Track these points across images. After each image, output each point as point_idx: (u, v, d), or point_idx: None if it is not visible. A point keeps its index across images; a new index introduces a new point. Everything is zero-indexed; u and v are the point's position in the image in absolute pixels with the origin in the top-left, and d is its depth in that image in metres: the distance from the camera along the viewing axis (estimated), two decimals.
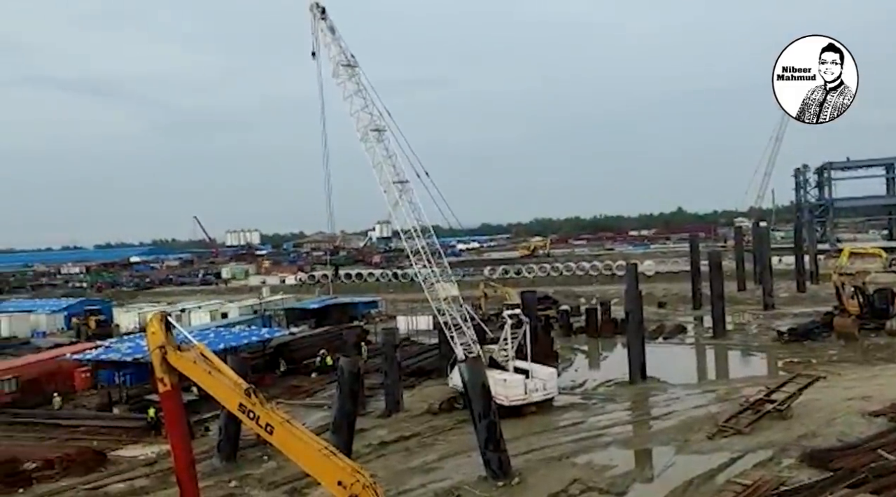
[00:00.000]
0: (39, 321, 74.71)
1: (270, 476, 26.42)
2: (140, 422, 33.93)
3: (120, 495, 25.82)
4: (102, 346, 47.73)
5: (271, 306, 71.08)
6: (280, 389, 40.98)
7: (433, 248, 30.26)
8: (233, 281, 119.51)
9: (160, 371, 16.54)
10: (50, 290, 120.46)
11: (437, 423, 33.02)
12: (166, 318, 16.89)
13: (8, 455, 29.50)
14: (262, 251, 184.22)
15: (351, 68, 29.29)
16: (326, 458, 14.60)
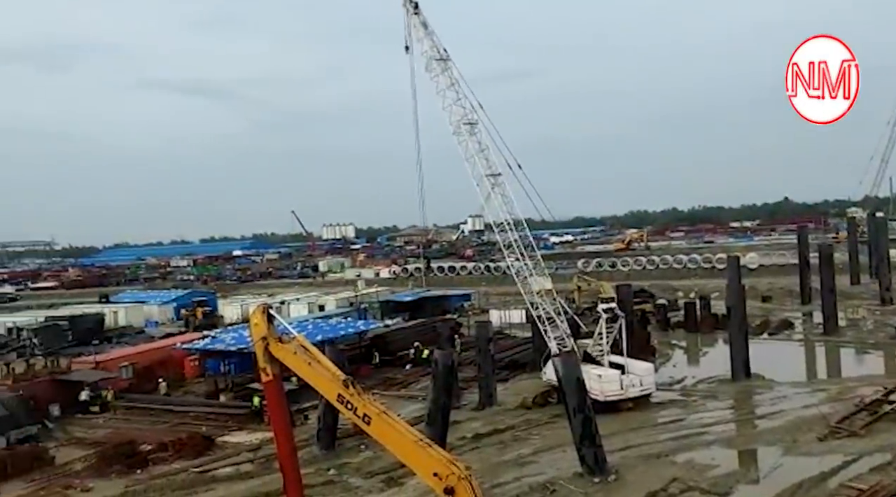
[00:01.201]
0: (152, 312, 78.90)
1: (367, 465, 26.99)
2: (245, 409, 35.38)
3: (227, 479, 26.98)
4: (209, 336, 49.97)
5: (366, 299, 72.51)
6: (375, 381, 41.77)
7: (526, 241, 29.95)
8: (329, 274, 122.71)
9: (263, 361, 17.17)
10: (160, 282, 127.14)
11: (532, 416, 32.82)
12: (268, 310, 17.49)
13: (127, 438, 31.49)
14: (357, 245, 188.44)
15: (443, 62, 29.33)
16: (422, 449, 14.73)
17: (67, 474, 28.48)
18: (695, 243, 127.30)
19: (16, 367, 44.22)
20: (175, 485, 26.39)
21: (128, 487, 26.31)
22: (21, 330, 61.32)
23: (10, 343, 59.09)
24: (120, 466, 28.34)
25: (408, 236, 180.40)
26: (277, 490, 20.48)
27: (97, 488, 26.44)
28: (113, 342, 61.91)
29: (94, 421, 37.07)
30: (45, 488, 26.94)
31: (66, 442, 33.44)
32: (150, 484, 26.56)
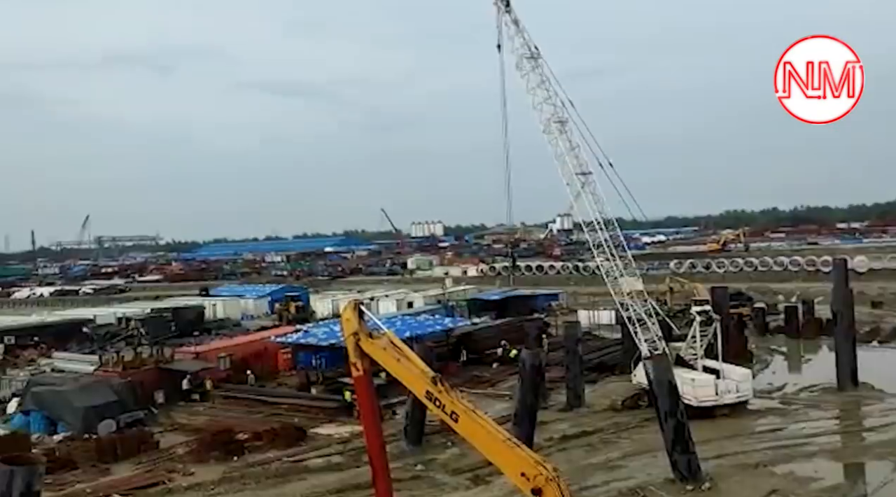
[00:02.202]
0: (248, 305, 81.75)
1: (454, 462, 27.12)
2: (335, 402, 36.22)
3: (318, 469, 27.70)
4: (301, 330, 51.46)
5: (454, 296, 72.84)
6: (462, 379, 41.89)
7: (616, 241, 29.35)
8: (417, 271, 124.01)
9: (353, 356, 17.46)
10: (256, 277, 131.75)
11: (621, 419, 32.15)
12: (359, 306, 17.79)
13: (224, 426, 32.80)
14: (445, 243, 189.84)
15: (534, 60, 29.10)
16: (510, 449, 14.63)
17: (171, 458, 29.94)
18: (797, 245, 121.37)
19: (125, 355, 46.72)
20: (269, 473, 27.31)
21: (225, 473, 27.39)
22: (129, 320, 64.80)
23: (119, 332, 62.53)
24: (218, 453, 29.53)
25: (495, 235, 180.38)
26: (367, 483, 20.85)
27: (198, 473, 27.65)
28: (212, 334, 64.67)
29: (195, 408, 38.79)
30: (151, 470, 28.42)
31: (169, 427, 35.11)
32: (245, 471, 27.58)
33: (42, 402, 35.46)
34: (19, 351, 56.52)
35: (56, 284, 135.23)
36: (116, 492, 25.89)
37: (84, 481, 27.12)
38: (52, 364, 50.42)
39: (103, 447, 30.26)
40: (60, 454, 29.56)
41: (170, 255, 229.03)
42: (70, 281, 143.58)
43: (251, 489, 25.78)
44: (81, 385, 37.10)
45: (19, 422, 35.27)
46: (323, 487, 25.43)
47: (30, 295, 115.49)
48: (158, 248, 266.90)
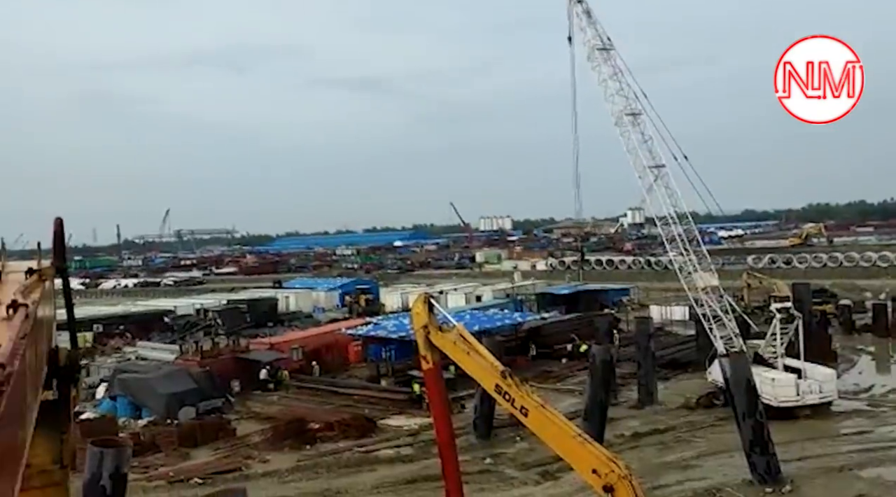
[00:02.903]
0: (319, 298, 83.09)
1: (523, 456, 27.00)
2: (404, 395, 36.55)
3: (388, 460, 28.07)
4: (371, 322, 52.12)
5: (523, 291, 72.41)
6: (531, 373, 41.58)
7: (691, 235, 28.53)
8: (486, 265, 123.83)
9: (423, 349, 17.58)
10: (327, 270, 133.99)
11: (695, 418, 31.34)
12: (429, 299, 17.89)
13: (298, 415, 33.58)
14: (514, 236, 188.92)
15: (606, 51, 28.53)
16: (581, 445, 14.45)
17: (247, 445, 30.85)
18: (887, 240, 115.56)
19: (203, 344, 48.34)
20: (341, 462, 27.82)
21: (299, 462, 28.05)
22: (207, 311, 67.04)
23: (198, 323, 64.74)
24: (292, 441, 30.27)
25: (564, 229, 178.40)
26: (436, 475, 20.97)
27: (272, 460, 28.42)
28: (285, 325, 66.18)
29: (269, 397, 39.81)
30: (229, 456, 29.37)
31: (245, 415, 36.16)
32: (318, 460, 28.18)
33: (128, 388, 37.07)
34: (107, 339, 59.20)
35: (139, 276, 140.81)
36: (197, 476, 26.85)
37: (167, 464, 28.26)
38: (137, 352, 52.61)
39: (184, 433, 31.43)
40: (145, 438, 30.84)
41: (244, 248, 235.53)
42: (152, 273, 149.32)
43: (324, 478, 26.30)
44: (164, 373, 38.63)
45: (107, 406, 36.96)
46: (393, 478, 25.74)
47: (115, 286, 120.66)
48: (234, 241, 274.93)
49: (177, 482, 26.26)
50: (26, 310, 2.82)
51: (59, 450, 4.23)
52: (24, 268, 3.88)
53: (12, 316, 2.75)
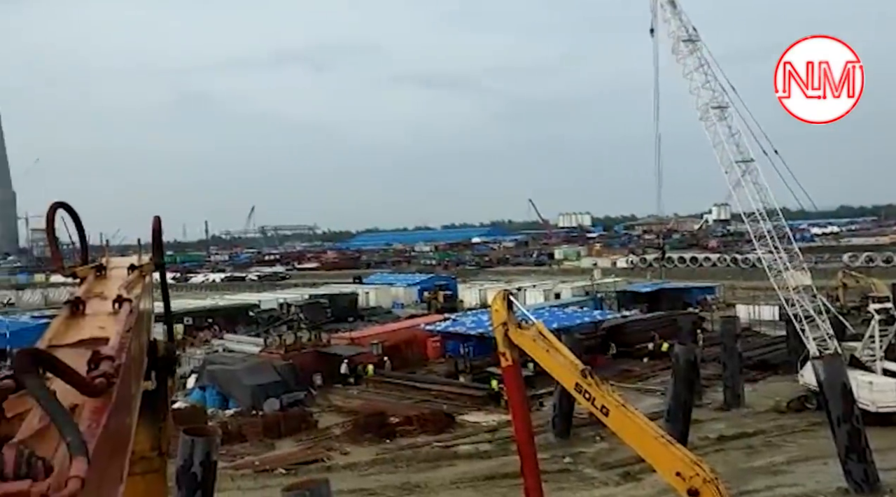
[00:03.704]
0: (398, 293, 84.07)
1: (603, 456, 26.59)
2: (482, 391, 36.57)
3: (467, 456, 28.15)
4: (449, 318, 52.35)
5: (603, 288, 71.27)
6: (611, 372, 40.77)
7: (781, 232, 27.39)
8: (565, 262, 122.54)
9: (502, 346, 17.52)
10: (405, 266, 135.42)
11: (785, 422, 30.11)
12: (509, 296, 17.82)
13: (378, 409, 34.10)
14: (594, 233, 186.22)
15: (692, 43, 27.66)
16: (664, 447, 14.11)
17: (328, 437, 31.57)
18: None
19: (286, 338, 49.68)
20: (420, 457, 28.10)
21: (378, 455, 28.50)
22: (290, 305, 68.79)
23: (281, 317, 66.54)
24: (371, 435, 30.78)
25: (646, 225, 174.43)
26: (515, 472, 20.88)
27: (353, 453, 28.98)
28: (365, 320, 67.25)
29: (349, 391, 40.57)
30: (311, 448, 30.12)
31: (326, 408, 36.98)
32: (398, 454, 28.55)
33: (216, 379, 38.49)
34: (196, 331, 61.64)
35: (226, 271, 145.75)
36: (281, 466, 27.66)
37: (252, 454, 29.22)
38: (224, 344, 54.53)
39: (269, 423, 32.41)
40: (232, 428, 31.95)
41: (325, 244, 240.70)
42: (238, 268, 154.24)
43: (403, 472, 26.63)
44: (249, 365, 39.93)
45: (197, 396, 38.48)
46: (472, 474, 25.81)
47: (204, 280, 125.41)
48: (315, 237, 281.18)
49: (262, 471, 27.12)
50: (131, 304, 2.95)
51: (158, 438, 4.39)
52: (126, 263, 4.04)
53: (118, 310, 2.87)
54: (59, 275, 3.83)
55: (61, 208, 3.57)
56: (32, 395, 1.52)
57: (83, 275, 3.66)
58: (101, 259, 4.00)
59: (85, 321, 2.77)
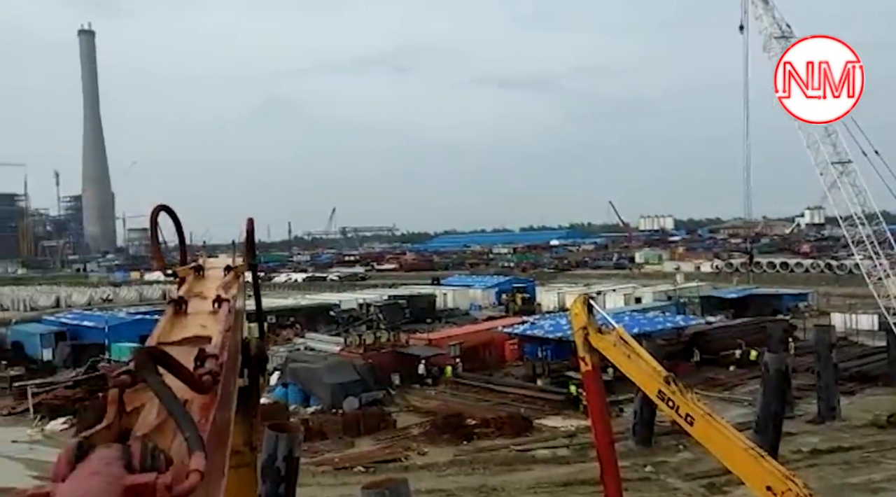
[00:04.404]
0: (476, 295, 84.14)
1: (686, 467, 25.82)
2: (560, 395, 36.15)
3: (544, 461, 27.88)
4: (528, 321, 52.02)
5: (686, 293, 69.39)
6: (695, 380, 39.58)
7: (882, 237, 26.10)
8: (646, 266, 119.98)
9: (582, 350, 17.21)
10: (483, 268, 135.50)
11: (885, 438, 28.44)
12: (589, 300, 17.51)
13: (455, 411, 34.19)
14: (676, 236, 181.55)
15: (785, 40, 26.63)
16: (754, 459, 13.54)
17: (406, 437, 31.86)
18: None
19: (365, 338, 50.46)
20: (497, 459, 28.00)
21: (456, 456, 28.56)
22: (369, 306, 69.90)
23: (360, 316, 67.70)
24: (449, 436, 30.87)
25: (732, 229, 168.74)
26: (594, 478, 20.53)
27: (430, 453, 29.14)
28: (442, 321, 67.60)
29: (427, 392, 40.83)
30: (389, 447, 30.47)
31: (404, 408, 37.34)
32: (475, 456, 28.53)
33: (297, 376, 39.46)
34: (279, 330, 63.41)
35: (308, 271, 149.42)
36: (360, 463, 28.11)
37: (332, 451, 29.80)
38: (306, 343, 55.87)
39: (348, 422, 32.98)
40: (313, 425, 32.65)
41: (404, 245, 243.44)
42: (319, 268, 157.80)
43: (480, 474, 26.58)
44: (330, 364, 40.74)
45: (279, 393, 39.53)
46: (549, 479, 25.52)
47: (286, 279, 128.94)
48: (394, 238, 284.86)
49: (342, 468, 27.62)
50: (229, 304, 3.03)
51: (250, 433, 4.49)
52: (222, 264, 4.16)
53: (217, 310, 2.96)
54: (161, 274, 3.98)
55: (163, 211, 3.71)
56: (154, 391, 1.59)
57: (183, 275, 3.79)
58: (199, 259, 4.14)
59: (188, 320, 2.87)
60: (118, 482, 1.24)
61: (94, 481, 1.23)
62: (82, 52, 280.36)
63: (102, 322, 57.49)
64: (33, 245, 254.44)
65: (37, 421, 37.34)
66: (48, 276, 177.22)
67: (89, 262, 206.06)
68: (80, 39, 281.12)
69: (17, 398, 41.48)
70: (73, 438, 1.39)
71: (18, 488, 1.24)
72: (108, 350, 50.82)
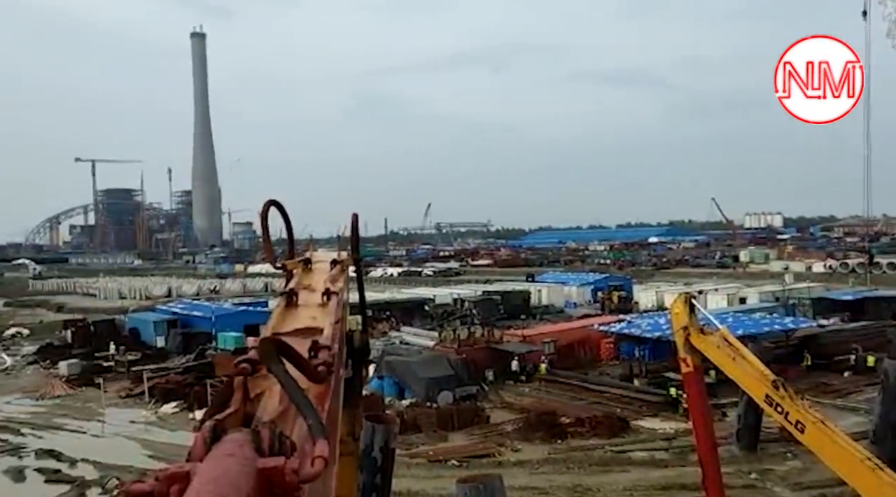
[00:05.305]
0: (571, 293, 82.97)
1: (795, 476, 24.58)
2: (658, 397, 35.19)
3: (641, 463, 27.22)
4: (624, 320, 50.91)
5: (795, 294, 66.03)
6: (805, 385, 37.61)
7: None
8: (751, 265, 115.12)
9: (683, 351, 16.67)
10: (578, 265, 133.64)
11: None
12: (690, 300, 16.94)
13: (550, 409, 33.91)
14: (785, 235, 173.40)
15: None
16: (872, 472, 12.72)
17: (499, 433, 31.85)
18: None
19: (459, 333, 50.76)
20: (592, 459, 27.56)
21: (549, 454, 28.32)
22: (464, 301, 70.24)
23: (454, 312, 68.09)
24: (542, 434, 30.63)
25: (848, 227, 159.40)
26: (694, 483, 19.86)
27: (524, 450, 29.03)
28: (537, 318, 67.17)
29: (520, 389, 40.65)
30: (483, 442, 30.56)
31: (497, 404, 37.32)
32: (569, 455, 28.19)
33: (393, 369, 40.16)
34: (375, 323, 64.71)
35: (403, 265, 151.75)
36: (453, 457, 28.33)
37: (426, 444, 30.16)
38: (401, 337, 56.78)
39: (442, 416, 33.29)
40: (407, 418, 33.15)
41: (498, 241, 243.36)
42: (414, 263, 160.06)
43: (574, 473, 26.25)
44: (424, 358, 41.27)
45: (375, 385, 40.35)
46: (647, 482, 24.90)
47: (382, 274, 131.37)
48: (489, 234, 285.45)
49: (435, 461, 27.92)
50: (338, 297, 3.09)
51: (353, 424, 4.58)
52: (328, 258, 4.25)
53: (327, 302, 3.02)
54: (270, 266, 4.10)
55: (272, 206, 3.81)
56: (278, 379, 1.64)
57: (292, 268, 3.89)
58: (307, 253, 4.24)
59: (298, 312, 2.94)
60: (252, 464, 1.31)
61: (229, 462, 1.29)
62: (194, 54, 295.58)
63: (210, 312, 60.49)
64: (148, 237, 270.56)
65: (151, 404, 39.69)
66: (161, 267, 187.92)
67: (197, 255, 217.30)
68: (193, 42, 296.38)
69: (133, 381, 44.26)
70: (206, 422, 1.45)
71: (156, 468, 1.29)
72: (214, 339, 53.40)
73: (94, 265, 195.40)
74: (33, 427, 36.04)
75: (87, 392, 43.34)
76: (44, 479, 28.10)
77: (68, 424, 36.59)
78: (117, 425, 35.67)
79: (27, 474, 28.82)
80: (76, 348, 55.45)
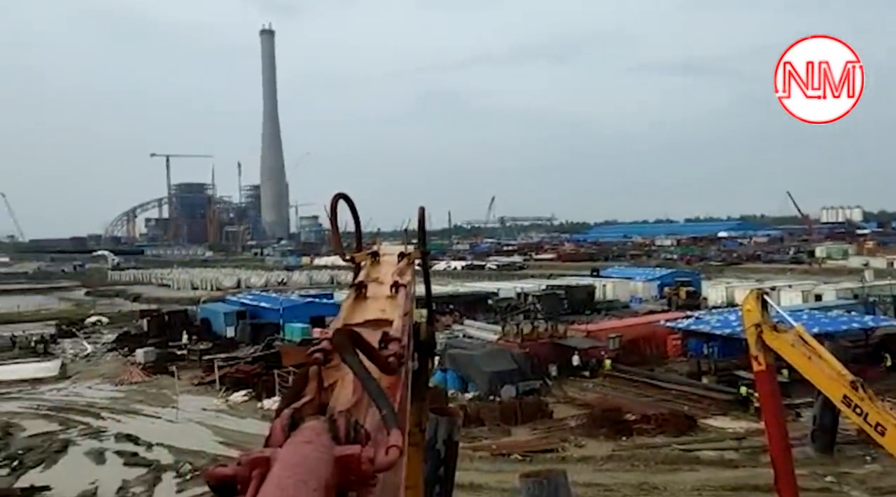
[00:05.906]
0: (636, 288, 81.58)
1: (874, 480, 23.61)
2: (728, 395, 34.27)
3: (710, 462, 26.57)
4: (692, 316, 49.72)
5: (876, 292, 63.22)
6: (885, 386, 36.03)
7: None
8: (828, 261, 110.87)
9: (755, 349, 16.19)
10: (645, 260, 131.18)
11: None
12: (763, 296, 16.44)
13: (614, 405, 33.48)
14: (865, 229, 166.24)
15: None
16: None
17: (563, 428, 31.60)
18: None
19: (523, 327, 50.53)
20: (658, 457, 27.04)
21: (614, 451, 27.92)
22: (527, 295, 69.90)
23: (518, 306, 67.83)
24: (606, 430, 30.24)
25: None
26: (766, 484, 19.28)
27: (588, 446, 28.72)
28: (601, 313, 66.28)
29: (584, 384, 40.21)
30: (546, 437, 30.39)
31: (560, 399, 37.04)
32: (634, 452, 27.75)
33: (456, 362, 40.30)
34: (439, 316, 65.08)
35: (466, 259, 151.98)
36: (517, 451, 28.27)
37: (489, 438, 30.18)
38: (464, 330, 56.91)
39: (505, 410, 33.25)
40: (470, 411, 33.20)
41: (562, 235, 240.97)
42: (477, 256, 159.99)
43: (640, 471, 25.83)
44: (487, 352, 41.25)
45: (439, 377, 40.49)
46: (716, 482, 24.31)
47: (446, 267, 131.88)
48: (553, 228, 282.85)
49: (499, 455, 27.92)
50: (406, 290, 3.11)
51: (420, 415, 4.61)
52: (396, 251, 4.29)
53: (395, 295, 3.04)
54: (340, 258, 4.14)
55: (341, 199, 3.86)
56: (352, 369, 1.66)
57: (360, 260, 3.94)
58: (375, 246, 4.28)
59: (368, 304, 2.98)
60: (329, 452, 1.33)
61: (308, 449, 1.32)
62: (263, 52, 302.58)
63: (277, 304, 61.95)
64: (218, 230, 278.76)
65: (222, 392, 40.97)
66: (230, 259, 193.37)
67: (265, 248, 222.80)
68: (262, 39, 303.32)
69: (205, 370, 45.75)
70: (284, 410, 1.49)
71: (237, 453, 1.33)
72: (281, 330, 54.65)
73: (167, 257, 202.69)
74: (112, 411, 37.74)
75: (162, 379, 45.07)
76: (122, 461, 29.39)
77: (144, 410, 38.15)
78: (190, 412, 36.94)
79: (107, 456, 30.19)
80: (151, 337, 57.68)
